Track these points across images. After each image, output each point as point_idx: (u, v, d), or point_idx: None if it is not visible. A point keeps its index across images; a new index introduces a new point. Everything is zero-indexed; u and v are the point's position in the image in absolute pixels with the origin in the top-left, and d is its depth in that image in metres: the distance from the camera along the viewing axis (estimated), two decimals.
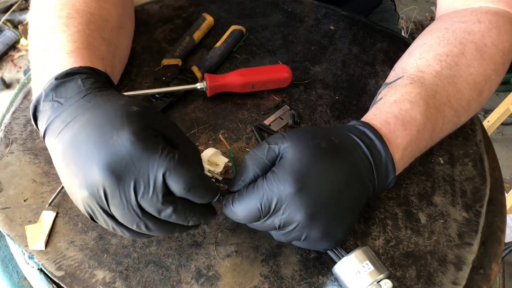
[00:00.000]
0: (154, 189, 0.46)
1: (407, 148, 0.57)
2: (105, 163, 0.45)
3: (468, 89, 0.63)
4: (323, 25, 0.86)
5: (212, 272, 0.56)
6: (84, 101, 0.50)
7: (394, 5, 1.15)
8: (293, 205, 0.49)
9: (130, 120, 0.47)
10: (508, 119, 1.91)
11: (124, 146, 0.45)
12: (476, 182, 0.65)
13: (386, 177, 0.55)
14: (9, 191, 0.61)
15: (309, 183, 0.49)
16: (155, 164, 0.45)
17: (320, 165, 0.50)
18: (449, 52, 0.63)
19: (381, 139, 0.54)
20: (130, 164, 0.45)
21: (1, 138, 0.66)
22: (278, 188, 0.49)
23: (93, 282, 0.54)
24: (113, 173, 0.45)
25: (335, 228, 0.52)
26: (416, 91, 0.60)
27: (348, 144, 0.53)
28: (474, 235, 0.60)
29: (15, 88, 0.93)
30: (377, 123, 0.57)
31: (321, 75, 0.78)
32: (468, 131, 0.71)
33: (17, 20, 2.36)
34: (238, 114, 0.72)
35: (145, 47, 0.79)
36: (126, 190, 0.46)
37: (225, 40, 0.79)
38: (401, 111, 0.58)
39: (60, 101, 0.51)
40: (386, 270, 0.51)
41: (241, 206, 0.51)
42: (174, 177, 0.46)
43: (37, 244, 0.56)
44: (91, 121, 0.48)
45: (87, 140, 0.47)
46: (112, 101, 0.50)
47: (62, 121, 0.50)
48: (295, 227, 0.50)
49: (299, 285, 0.55)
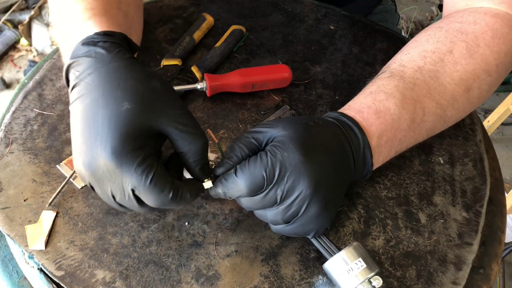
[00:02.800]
0: (129, 198, 0.50)
1: (381, 136, 0.58)
2: (86, 163, 0.49)
3: (453, 84, 0.63)
4: (323, 25, 0.86)
5: (212, 272, 0.56)
6: (90, 79, 0.52)
7: (394, 5, 1.15)
8: (297, 172, 0.50)
9: (115, 127, 0.48)
10: (508, 119, 1.91)
11: (103, 156, 0.48)
12: (476, 182, 0.65)
13: (364, 163, 0.56)
14: (9, 191, 0.61)
15: (312, 151, 0.51)
16: (127, 180, 0.48)
17: (316, 138, 0.53)
18: (436, 49, 0.64)
19: (357, 125, 0.56)
20: (106, 174, 0.48)
21: (1, 138, 0.66)
22: (283, 155, 0.50)
23: (93, 282, 0.54)
24: (92, 174, 0.49)
25: (330, 206, 0.53)
26: (393, 83, 0.61)
27: (330, 126, 0.56)
28: (474, 235, 0.60)
29: (15, 88, 0.93)
30: (351, 112, 0.59)
31: (321, 75, 0.78)
32: (468, 131, 0.71)
33: (17, 20, 2.36)
34: (238, 114, 0.72)
35: (145, 47, 0.79)
36: (105, 192, 0.50)
37: (225, 40, 0.79)
38: (375, 101, 0.59)
39: (76, 73, 0.53)
40: (377, 267, 0.52)
41: (245, 175, 0.51)
42: (143, 196, 0.49)
43: (37, 244, 0.56)
44: (88, 111, 0.50)
45: (81, 132, 0.50)
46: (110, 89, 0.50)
47: (77, 93, 0.52)
48: (297, 197, 0.51)
49: (299, 285, 0.55)
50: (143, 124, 0.49)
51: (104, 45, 0.54)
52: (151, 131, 0.50)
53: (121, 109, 0.49)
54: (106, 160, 0.47)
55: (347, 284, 0.51)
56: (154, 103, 0.50)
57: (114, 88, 0.50)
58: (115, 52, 0.53)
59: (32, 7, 2.40)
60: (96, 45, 0.54)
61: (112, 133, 0.48)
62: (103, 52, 0.53)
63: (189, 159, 0.51)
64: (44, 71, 0.75)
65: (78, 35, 0.57)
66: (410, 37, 0.72)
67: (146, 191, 0.48)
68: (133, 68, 0.53)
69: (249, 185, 0.51)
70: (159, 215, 0.60)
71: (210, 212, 0.60)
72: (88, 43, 0.54)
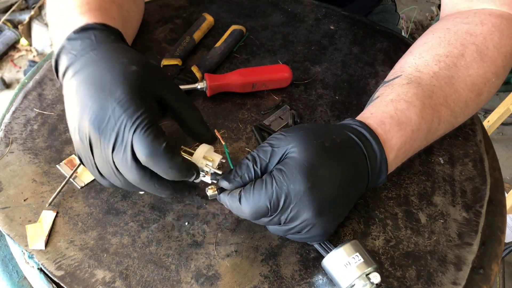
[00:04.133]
0: (124, 150, 0.49)
1: (401, 148, 0.57)
2: (93, 116, 0.50)
3: (466, 90, 0.63)
4: (323, 25, 0.86)
5: (212, 272, 0.56)
6: (93, 53, 0.54)
7: (394, 5, 1.15)
8: (302, 203, 0.50)
9: (124, 80, 0.50)
10: (508, 119, 1.91)
11: (112, 105, 0.49)
12: (476, 182, 0.65)
13: (378, 177, 0.56)
14: (9, 191, 0.61)
15: (319, 181, 0.50)
16: (128, 127, 0.49)
17: (327, 163, 0.51)
18: (449, 53, 0.63)
19: (377, 140, 0.55)
20: (112, 122, 0.49)
21: (1, 138, 0.66)
22: (288, 186, 0.49)
23: (93, 282, 0.54)
24: (98, 127, 0.49)
25: (335, 224, 0.53)
26: (412, 91, 0.60)
27: (349, 143, 0.54)
28: (474, 235, 0.60)
29: (15, 88, 0.93)
30: (373, 123, 0.57)
31: (321, 75, 0.78)
32: (468, 131, 0.71)
33: (17, 20, 2.36)
34: (238, 114, 0.72)
35: (145, 47, 0.79)
36: (106, 143, 0.50)
37: (225, 40, 0.79)
38: (397, 111, 0.58)
39: (73, 53, 0.55)
40: (375, 263, 0.52)
41: (249, 204, 0.51)
42: (136, 144, 0.49)
43: (37, 243, 0.56)
44: (93, 76, 0.52)
45: (85, 92, 0.51)
46: (116, 57, 0.53)
47: (73, 70, 0.54)
48: (300, 224, 0.51)
49: (299, 285, 0.55)
50: (149, 87, 0.52)
51: (101, 31, 0.57)
52: (155, 96, 0.53)
53: (129, 69, 0.52)
54: (117, 105, 0.49)
55: (345, 278, 0.51)
56: (156, 74, 0.54)
57: (120, 56, 0.53)
58: (112, 37, 0.57)
59: (32, 7, 2.40)
60: (94, 30, 0.57)
61: (122, 85, 0.50)
62: (103, 35, 0.56)
63: (190, 119, 0.56)
64: (44, 71, 0.75)
65: (73, 27, 0.58)
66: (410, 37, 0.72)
67: (141, 137, 0.48)
68: (132, 50, 0.57)
69: (252, 214, 0.51)
70: (159, 215, 0.60)
71: (210, 212, 0.60)
72: (86, 29, 0.57)
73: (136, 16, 0.75)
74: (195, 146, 0.56)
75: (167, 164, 0.49)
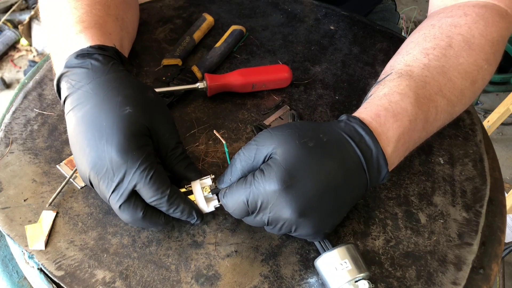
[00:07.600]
0: (122, 194, 0.52)
1: (399, 140, 0.56)
2: (91, 164, 0.52)
3: (460, 78, 0.62)
4: (323, 25, 0.86)
5: (212, 272, 0.56)
6: (89, 87, 0.56)
7: (394, 4, 1.15)
8: (279, 204, 0.51)
9: (120, 126, 0.52)
10: (508, 119, 1.91)
11: (109, 154, 0.52)
12: (476, 182, 0.65)
13: (379, 172, 0.55)
14: (9, 191, 0.61)
15: (295, 182, 0.50)
16: (129, 177, 0.52)
17: (307, 164, 0.51)
18: (436, 45, 0.64)
19: (371, 134, 0.54)
20: (110, 170, 0.52)
21: (1, 138, 0.66)
22: (264, 187, 0.51)
23: (93, 282, 0.54)
24: (96, 174, 0.52)
25: (326, 223, 0.53)
26: (404, 83, 0.60)
27: (336, 141, 0.54)
28: (474, 235, 0.60)
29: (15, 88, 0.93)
30: (367, 117, 0.57)
31: (321, 75, 0.78)
32: (468, 131, 0.71)
33: (17, 20, 2.36)
34: (238, 114, 0.72)
35: (145, 47, 0.79)
36: (104, 187, 0.53)
37: (225, 40, 0.79)
38: (391, 103, 0.58)
39: (72, 82, 0.57)
40: (366, 270, 0.52)
41: (229, 200, 0.54)
42: (143, 191, 0.52)
43: (37, 244, 0.56)
44: (88, 116, 0.54)
45: (83, 136, 0.53)
46: (111, 96, 0.55)
47: (71, 102, 0.56)
48: (283, 224, 0.52)
49: (299, 285, 0.55)
50: (143, 125, 0.54)
51: (99, 58, 0.58)
52: (149, 131, 0.55)
53: (123, 112, 0.53)
54: (113, 156, 0.51)
55: (333, 281, 0.52)
56: (150, 109, 0.56)
57: (115, 95, 0.55)
58: (110, 64, 0.58)
59: (32, 7, 2.40)
60: (91, 57, 0.58)
61: (117, 133, 0.52)
62: (99, 64, 0.57)
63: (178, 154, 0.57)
64: (44, 71, 0.75)
65: (71, 48, 0.59)
66: None
67: (146, 186, 0.52)
68: (129, 79, 0.58)
69: (234, 209, 0.54)
70: None
71: (210, 212, 0.60)
72: (83, 55, 0.58)
73: (131, 21, 0.75)
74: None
75: (171, 209, 0.54)
